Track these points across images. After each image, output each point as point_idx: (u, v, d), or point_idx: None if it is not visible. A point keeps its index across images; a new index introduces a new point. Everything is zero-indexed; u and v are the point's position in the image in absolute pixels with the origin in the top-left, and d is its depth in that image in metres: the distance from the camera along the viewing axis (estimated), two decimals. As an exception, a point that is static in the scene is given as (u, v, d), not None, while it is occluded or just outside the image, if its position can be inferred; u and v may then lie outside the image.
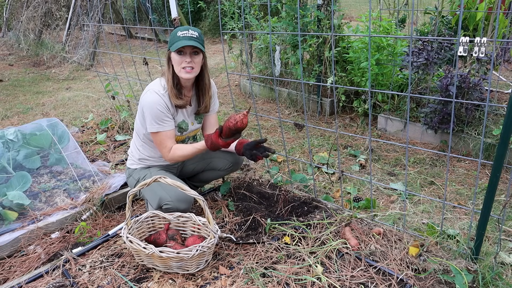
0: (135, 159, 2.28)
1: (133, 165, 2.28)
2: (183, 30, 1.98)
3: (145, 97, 2.05)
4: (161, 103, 2.02)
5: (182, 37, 1.96)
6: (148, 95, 2.03)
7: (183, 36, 1.96)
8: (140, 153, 2.25)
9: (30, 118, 4.43)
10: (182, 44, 1.93)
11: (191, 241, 1.89)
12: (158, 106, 2.01)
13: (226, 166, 2.39)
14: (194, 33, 1.99)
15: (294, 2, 3.96)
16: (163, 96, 2.04)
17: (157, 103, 2.01)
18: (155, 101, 2.01)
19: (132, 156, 2.31)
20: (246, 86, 5.19)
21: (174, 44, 1.97)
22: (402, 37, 3.28)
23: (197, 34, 1.99)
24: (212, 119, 2.35)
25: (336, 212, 2.24)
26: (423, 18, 5.60)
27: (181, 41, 1.95)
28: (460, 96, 3.08)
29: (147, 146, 2.23)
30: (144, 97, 2.05)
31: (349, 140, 3.63)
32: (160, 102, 2.01)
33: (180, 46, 1.93)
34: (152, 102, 2.01)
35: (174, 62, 2.01)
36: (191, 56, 1.99)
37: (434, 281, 1.74)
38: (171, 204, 2.04)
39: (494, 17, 3.84)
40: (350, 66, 3.92)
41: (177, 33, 1.98)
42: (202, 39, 2.03)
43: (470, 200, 2.58)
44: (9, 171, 2.43)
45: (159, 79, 2.13)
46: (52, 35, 8.14)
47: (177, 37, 1.97)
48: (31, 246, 2.14)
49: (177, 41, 1.96)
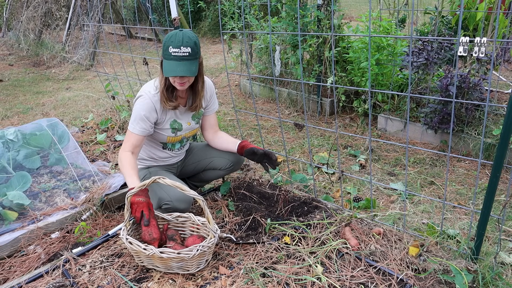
0: None
1: None
2: (175, 46, 1.85)
3: (136, 97, 2.09)
4: (147, 104, 2.02)
5: (173, 56, 1.86)
6: (138, 95, 2.07)
7: (174, 55, 1.86)
8: (139, 154, 2.25)
9: (30, 118, 4.43)
10: (172, 73, 1.88)
11: (191, 241, 1.89)
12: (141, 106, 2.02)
13: (227, 166, 2.39)
14: (187, 49, 1.86)
15: (294, 2, 3.96)
16: (153, 96, 2.04)
17: (142, 103, 2.03)
18: (141, 101, 2.03)
19: None
20: (246, 86, 5.19)
21: (167, 61, 1.89)
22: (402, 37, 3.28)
23: (189, 50, 1.86)
24: (211, 119, 2.35)
25: (336, 212, 2.24)
26: (423, 18, 5.60)
27: (172, 65, 1.87)
28: (460, 96, 3.08)
29: (146, 147, 2.23)
30: (135, 98, 2.10)
31: (349, 140, 3.63)
32: (147, 103, 2.02)
33: (170, 75, 1.90)
34: (138, 102, 2.04)
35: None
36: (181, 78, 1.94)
37: (434, 281, 1.74)
38: (171, 204, 2.04)
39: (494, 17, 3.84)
40: (350, 66, 3.92)
41: (168, 48, 1.87)
42: (197, 50, 1.91)
43: (470, 200, 2.58)
44: (9, 171, 2.43)
45: (153, 80, 2.13)
46: (52, 35, 8.14)
47: (168, 54, 1.87)
48: (31, 246, 2.13)
49: (168, 59, 1.88)
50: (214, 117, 2.36)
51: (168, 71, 1.90)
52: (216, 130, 2.39)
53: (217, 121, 2.39)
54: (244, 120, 4.22)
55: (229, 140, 2.34)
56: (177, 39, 1.87)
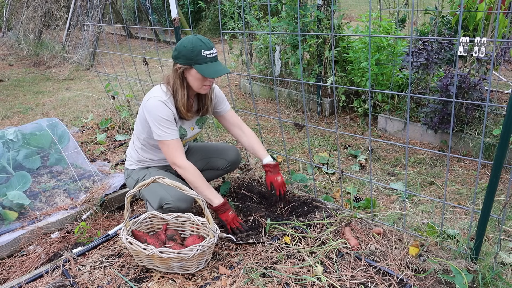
0: (134, 161, 2.26)
1: (132, 166, 2.27)
2: (207, 49, 1.88)
3: (149, 104, 1.98)
4: (166, 111, 1.97)
5: (209, 58, 1.89)
6: (153, 102, 1.97)
7: (210, 57, 1.89)
8: (139, 155, 2.24)
9: (30, 118, 4.43)
10: (218, 73, 1.89)
11: (191, 241, 1.89)
12: (162, 113, 1.96)
13: (224, 166, 2.40)
14: (215, 49, 1.92)
15: (294, 2, 3.96)
16: (167, 103, 1.99)
17: (161, 110, 1.96)
18: (160, 109, 1.95)
19: (130, 157, 2.28)
20: (246, 86, 5.19)
21: (202, 65, 1.88)
22: (402, 37, 3.28)
23: (216, 50, 1.93)
24: (228, 117, 2.30)
25: (336, 212, 2.24)
26: (423, 18, 5.60)
27: (212, 66, 1.89)
28: (460, 96, 3.08)
29: (147, 150, 2.22)
30: (147, 104, 1.98)
31: (349, 140, 3.63)
32: (165, 110, 1.97)
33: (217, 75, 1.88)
34: (156, 110, 1.95)
35: (194, 79, 1.94)
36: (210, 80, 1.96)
37: (434, 281, 1.74)
38: (172, 203, 2.03)
39: (494, 17, 3.84)
40: (350, 66, 3.92)
41: (201, 52, 1.87)
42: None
43: (470, 200, 2.58)
44: (9, 171, 2.43)
45: (159, 85, 2.05)
46: (52, 35, 8.14)
47: (203, 57, 1.87)
48: (31, 246, 2.14)
49: (204, 62, 1.88)
50: (230, 115, 2.31)
51: (212, 73, 1.88)
52: (241, 128, 2.32)
53: (235, 118, 2.32)
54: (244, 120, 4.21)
55: (255, 148, 2.30)
56: (204, 42, 1.89)
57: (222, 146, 2.48)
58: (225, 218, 2.07)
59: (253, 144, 2.30)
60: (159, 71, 6.17)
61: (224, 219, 2.07)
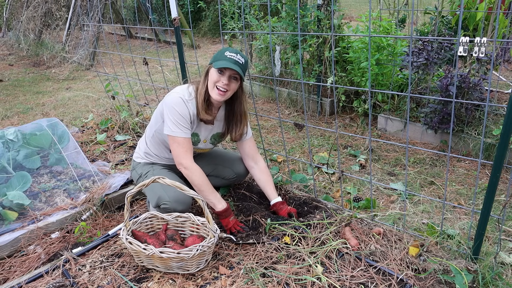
0: (141, 152, 2.31)
1: (138, 159, 2.32)
2: (232, 52, 1.97)
3: (169, 98, 2.03)
4: (183, 108, 2.01)
5: (228, 58, 1.94)
6: (173, 97, 2.02)
7: (229, 57, 1.94)
8: (147, 147, 2.28)
9: (30, 118, 4.43)
10: (225, 65, 1.91)
11: (191, 241, 1.89)
12: (180, 110, 2.00)
13: (231, 177, 2.41)
14: (242, 59, 1.97)
15: (294, 2, 3.96)
16: (187, 102, 2.03)
17: (179, 106, 2.00)
18: (178, 104, 2.00)
19: (139, 148, 2.35)
20: (246, 86, 5.19)
21: (219, 61, 1.95)
22: (402, 37, 3.28)
23: (243, 60, 1.98)
24: (245, 146, 2.29)
25: (336, 212, 2.24)
26: (423, 18, 5.60)
27: (226, 62, 1.93)
28: (460, 96, 3.08)
29: (154, 143, 2.25)
30: (168, 98, 2.04)
31: (349, 140, 3.63)
32: (182, 107, 2.00)
33: (222, 66, 1.91)
34: (174, 104, 2.00)
35: (210, 78, 2.00)
36: (229, 79, 1.97)
37: (434, 281, 1.73)
38: (169, 204, 2.04)
39: (494, 17, 3.84)
40: (350, 66, 3.92)
41: (225, 52, 1.96)
42: (247, 67, 2.02)
43: (470, 200, 2.58)
44: (9, 171, 2.43)
45: (187, 85, 2.11)
46: (52, 35, 8.14)
47: (224, 56, 1.95)
48: (31, 246, 2.14)
49: (222, 59, 1.95)
50: (248, 144, 2.28)
51: (221, 64, 1.93)
52: (255, 160, 2.32)
53: (253, 149, 2.31)
54: (244, 120, 4.21)
55: (266, 187, 2.30)
56: (234, 50, 1.99)
57: (232, 156, 2.45)
58: (225, 223, 2.10)
59: (265, 183, 2.29)
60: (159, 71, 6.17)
61: (225, 224, 2.10)
